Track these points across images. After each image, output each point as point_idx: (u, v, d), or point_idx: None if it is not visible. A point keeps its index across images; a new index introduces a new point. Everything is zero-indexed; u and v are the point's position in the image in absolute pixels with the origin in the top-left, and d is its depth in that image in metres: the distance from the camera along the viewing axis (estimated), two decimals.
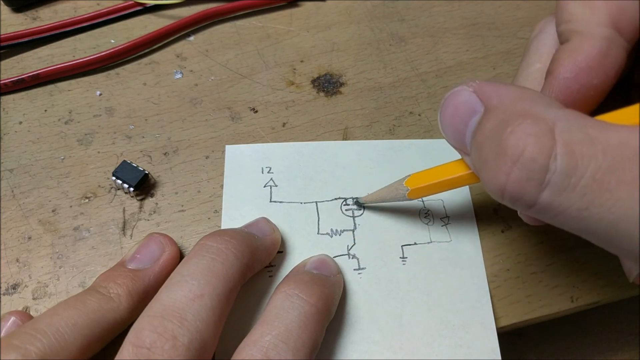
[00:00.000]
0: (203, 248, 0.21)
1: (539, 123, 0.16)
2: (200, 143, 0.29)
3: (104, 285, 0.22)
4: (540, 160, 0.15)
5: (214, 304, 0.20)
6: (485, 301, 0.24)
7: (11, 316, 0.22)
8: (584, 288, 0.26)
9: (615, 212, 0.15)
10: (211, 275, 0.20)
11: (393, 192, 0.25)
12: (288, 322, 0.20)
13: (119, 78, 0.31)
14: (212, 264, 0.21)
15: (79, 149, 0.29)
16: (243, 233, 0.23)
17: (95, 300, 0.21)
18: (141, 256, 0.23)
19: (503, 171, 0.16)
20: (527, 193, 0.16)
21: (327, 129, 0.30)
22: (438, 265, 0.25)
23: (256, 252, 0.23)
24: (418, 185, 0.23)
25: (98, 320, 0.20)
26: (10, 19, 0.33)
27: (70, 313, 0.20)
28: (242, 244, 0.22)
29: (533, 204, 0.16)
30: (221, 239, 0.22)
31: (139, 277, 0.22)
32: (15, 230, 0.26)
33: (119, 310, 0.21)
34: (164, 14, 0.34)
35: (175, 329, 0.19)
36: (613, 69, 0.20)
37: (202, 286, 0.20)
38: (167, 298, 0.20)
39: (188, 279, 0.20)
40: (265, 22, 0.34)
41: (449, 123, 0.19)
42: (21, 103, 0.30)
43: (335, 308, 0.23)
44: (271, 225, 0.25)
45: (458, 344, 0.23)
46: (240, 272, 0.21)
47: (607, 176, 0.15)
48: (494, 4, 0.35)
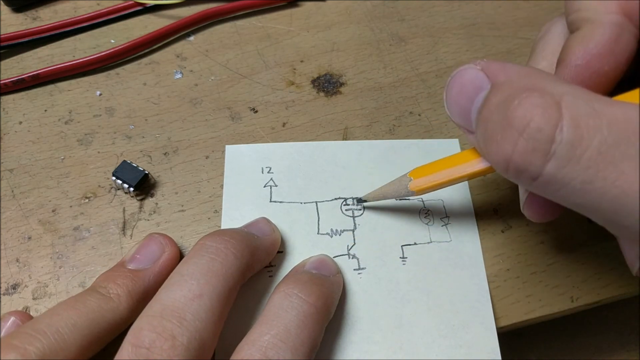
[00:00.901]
0: (202, 248, 0.21)
1: (546, 96, 0.16)
2: (200, 143, 0.29)
3: (104, 285, 0.22)
4: (547, 131, 0.15)
5: (213, 303, 0.20)
6: (485, 301, 0.24)
7: (11, 316, 0.22)
8: (584, 288, 0.26)
9: (619, 185, 0.15)
10: (210, 275, 0.20)
11: (396, 187, 0.24)
12: (287, 321, 0.20)
13: (119, 78, 0.31)
14: (212, 263, 0.21)
15: (79, 149, 0.29)
16: (243, 233, 0.23)
17: (95, 301, 0.21)
18: (141, 256, 0.23)
19: (509, 142, 0.16)
20: (532, 164, 0.16)
21: (327, 129, 0.30)
22: (438, 265, 0.25)
23: (255, 251, 0.23)
24: (422, 177, 0.23)
25: (98, 321, 0.20)
26: (10, 19, 0.33)
27: (70, 313, 0.20)
28: (242, 243, 0.22)
29: (537, 176, 0.16)
30: (220, 238, 0.22)
31: (139, 278, 0.22)
32: (15, 230, 0.26)
33: (119, 310, 0.21)
34: (164, 14, 0.34)
35: (174, 328, 0.19)
36: (624, 55, 0.20)
37: (201, 286, 0.20)
38: (166, 298, 0.20)
39: (187, 279, 0.20)
40: (265, 22, 0.34)
41: (454, 101, 0.19)
42: (21, 103, 0.30)
43: (335, 308, 0.23)
44: (271, 226, 0.25)
45: (458, 344, 0.23)
46: (239, 272, 0.21)
47: (611, 150, 0.15)
48: (494, 4, 0.35)
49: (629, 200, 0.15)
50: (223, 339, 0.22)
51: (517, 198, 0.28)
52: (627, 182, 0.15)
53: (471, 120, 0.19)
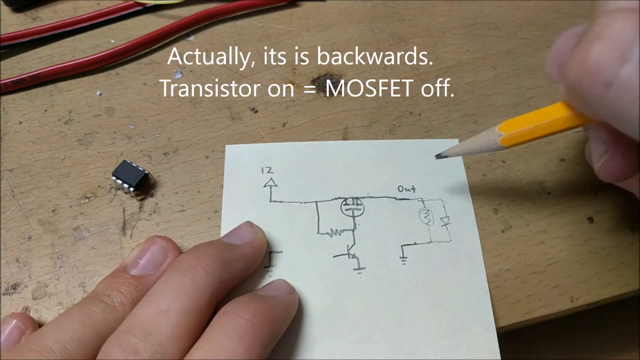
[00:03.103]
0: (176, 265, 0.21)
1: (629, 8, 0.15)
2: (200, 143, 0.29)
3: (108, 293, 0.21)
4: (628, 31, 0.15)
5: (180, 318, 0.20)
6: (485, 301, 0.24)
7: (12, 319, 0.22)
8: (584, 288, 0.26)
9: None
10: (180, 291, 0.20)
11: (484, 141, 0.23)
12: (222, 336, 0.19)
13: (119, 78, 0.31)
14: (181, 279, 0.21)
15: (79, 149, 0.29)
16: (216, 246, 0.22)
17: (100, 312, 0.21)
18: (144, 262, 0.23)
19: (585, 47, 0.16)
20: (609, 65, 0.15)
21: (327, 129, 0.30)
22: (438, 265, 0.25)
23: (230, 264, 0.22)
24: (513, 130, 0.22)
25: (103, 332, 0.20)
26: (10, 19, 0.33)
27: (76, 327, 0.20)
28: (213, 258, 0.22)
29: (612, 81, 0.15)
30: (192, 255, 0.22)
31: (143, 284, 0.22)
32: (15, 230, 0.26)
33: (124, 319, 0.21)
34: (164, 14, 0.34)
35: (139, 343, 0.19)
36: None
37: (168, 301, 0.20)
38: (136, 314, 0.20)
39: (157, 295, 0.20)
40: (265, 22, 0.34)
41: (554, 53, 0.20)
42: (21, 103, 0.30)
43: (283, 325, 0.22)
44: (253, 230, 0.24)
45: (458, 344, 0.23)
46: (211, 287, 0.21)
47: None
48: (493, 4, 0.35)
49: None
50: None
51: (517, 198, 0.28)
52: None
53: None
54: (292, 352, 0.23)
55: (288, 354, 0.23)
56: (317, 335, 0.23)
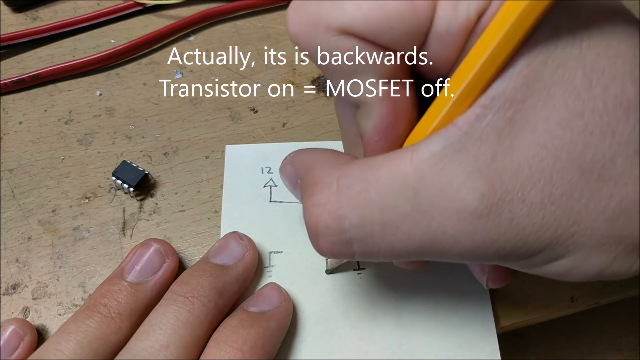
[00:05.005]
0: (171, 297, 0.21)
1: (324, 190, 0.17)
2: (200, 143, 0.29)
3: (104, 303, 0.21)
4: (334, 226, 0.16)
5: (179, 352, 0.20)
6: (485, 301, 0.24)
7: (10, 325, 0.22)
8: (584, 288, 0.26)
9: (408, 238, 0.16)
10: (178, 325, 0.20)
11: None
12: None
13: (119, 78, 0.31)
14: (179, 312, 0.21)
15: (79, 149, 0.29)
16: (209, 274, 0.22)
17: (97, 327, 0.21)
18: (141, 268, 0.23)
19: (316, 244, 0.17)
20: (342, 253, 0.17)
21: (327, 129, 0.30)
22: (438, 265, 0.25)
23: (224, 289, 0.22)
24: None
25: (102, 348, 0.20)
26: (10, 19, 0.33)
27: (74, 348, 0.20)
28: (208, 288, 0.22)
29: (354, 257, 0.17)
30: (187, 287, 0.22)
31: (140, 292, 0.22)
32: (15, 230, 0.26)
33: (122, 330, 0.21)
34: (164, 14, 0.34)
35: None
36: (408, 109, 0.18)
37: (168, 336, 0.20)
38: (135, 347, 0.20)
39: (156, 329, 0.20)
40: (265, 22, 0.34)
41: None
42: (21, 103, 0.30)
43: (276, 344, 0.22)
44: (243, 244, 0.24)
45: (458, 344, 0.23)
46: (208, 318, 0.21)
47: (387, 214, 0.16)
48: None
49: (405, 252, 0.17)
50: None
51: None
52: (405, 236, 0.16)
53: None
54: (292, 352, 0.23)
55: (288, 354, 0.23)
56: (317, 335, 0.23)
